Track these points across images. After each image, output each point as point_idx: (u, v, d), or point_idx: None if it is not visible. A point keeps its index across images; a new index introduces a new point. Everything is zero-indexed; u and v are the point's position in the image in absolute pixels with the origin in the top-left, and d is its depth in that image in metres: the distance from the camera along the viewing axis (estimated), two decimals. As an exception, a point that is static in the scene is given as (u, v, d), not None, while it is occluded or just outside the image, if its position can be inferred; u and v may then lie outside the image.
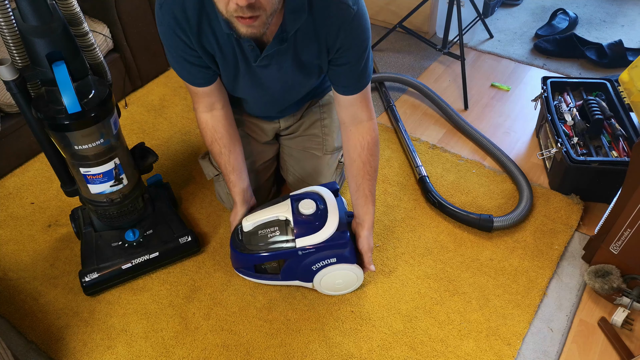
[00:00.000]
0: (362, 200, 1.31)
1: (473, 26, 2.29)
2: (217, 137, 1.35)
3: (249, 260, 1.34)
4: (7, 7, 1.02)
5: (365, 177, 1.29)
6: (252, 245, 1.32)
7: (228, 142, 1.37)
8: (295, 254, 1.29)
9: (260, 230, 1.31)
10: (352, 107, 1.25)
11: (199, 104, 1.33)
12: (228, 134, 1.37)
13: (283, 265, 1.33)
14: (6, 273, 1.49)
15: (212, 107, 1.33)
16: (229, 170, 1.39)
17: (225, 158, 1.38)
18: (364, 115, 1.26)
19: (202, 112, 1.34)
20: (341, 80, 1.22)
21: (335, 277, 1.33)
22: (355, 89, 1.22)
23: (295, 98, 1.42)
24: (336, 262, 1.30)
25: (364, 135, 1.27)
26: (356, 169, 1.29)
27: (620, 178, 1.32)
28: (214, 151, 1.38)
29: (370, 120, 1.27)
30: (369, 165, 1.29)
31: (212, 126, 1.34)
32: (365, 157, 1.28)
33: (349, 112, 1.26)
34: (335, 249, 1.28)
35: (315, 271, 1.32)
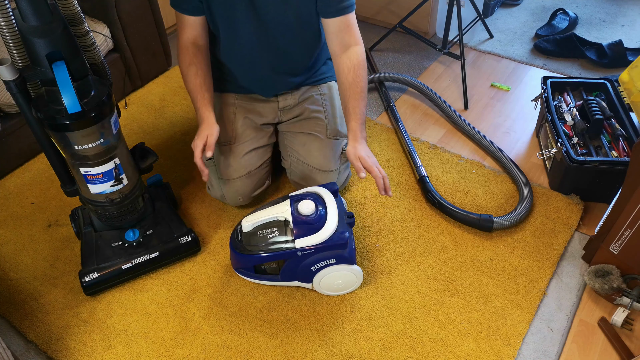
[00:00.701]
0: (352, 117, 1.39)
1: (473, 26, 2.29)
2: (196, 61, 1.43)
3: (248, 260, 1.34)
4: (7, 7, 1.02)
5: (352, 97, 1.39)
6: (251, 246, 1.32)
7: (205, 69, 1.46)
8: (295, 254, 1.29)
9: (260, 230, 1.32)
10: (340, 33, 1.37)
11: (183, 33, 1.42)
12: (206, 65, 1.46)
13: (282, 266, 1.33)
14: (6, 273, 1.49)
15: (195, 40, 1.43)
16: (204, 89, 1.44)
17: (201, 79, 1.44)
18: (352, 40, 1.39)
19: (185, 40, 1.43)
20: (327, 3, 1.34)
21: (334, 277, 1.33)
22: (341, 10, 1.34)
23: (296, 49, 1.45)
24: (335, 262, 1.30)
25: (351, 59, 1.38)
26: (344, 90, 1.40)
27: (620, 178, 1.32)
28: (190, 72, 1.44)
29: (357, 45, 1.40)
30: (355, 85, 1.38)
31: (193, 52, 1.43)
32: (351, 78, 1.38)
33: (337, 39, 1.38)
34: (334, 250, 1.28)
35: (315, 272, 1.32)
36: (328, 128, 1.56)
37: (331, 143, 1.54)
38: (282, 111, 1.61)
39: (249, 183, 1.53)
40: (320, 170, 1.52)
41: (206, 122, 1.44)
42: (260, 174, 1.56)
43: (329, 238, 1.27)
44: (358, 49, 1.40)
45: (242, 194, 1.54)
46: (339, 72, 1.41)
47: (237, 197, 1.54)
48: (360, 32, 1.42)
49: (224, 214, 1.62)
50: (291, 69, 1.53)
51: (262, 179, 1.58)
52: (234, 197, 1.54)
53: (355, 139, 1.39)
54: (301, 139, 1.56)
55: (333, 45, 1.40)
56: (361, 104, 1.39)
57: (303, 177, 1.55)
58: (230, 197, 1.54)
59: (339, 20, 1.36)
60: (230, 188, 1.52)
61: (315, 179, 1.53)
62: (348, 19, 1.37)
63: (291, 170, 1.58)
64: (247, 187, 1.53)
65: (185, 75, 1.46)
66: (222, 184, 1.53)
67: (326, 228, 1.27)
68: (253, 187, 1.54)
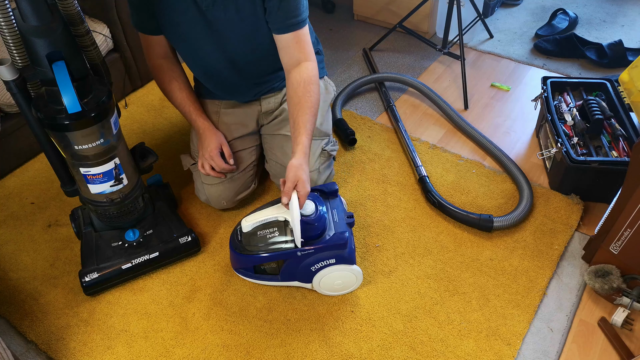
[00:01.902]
0: (296, 132, 1.31)
1: (473, 26, 2.29)
2: (175, 75, 1.46)
3: (248, 261, 1.34)
4: (7, 7, 1.02)
5: (300, 112, 1.32)
6: (251, 246, 1.32)
7: (185, 79, 1.49)
8: (295, 254, 1.29)
9: (260, 231, 1.31)
10: (289, 49, 1.34)
11: (152, 52, 1.43)
12: (184, 75, 1.49)
13: (282, 266, 1.33)
14: (6, 273, 1.49)
15: (165, 55, 1.44)
16: (192, 100, 1.48)
17: (186, 93, 1.47)
18: (301, 56, 1.35)
19: (156, 59, 1.44)
20: (274, 19, 1.31)
21: (334, 277, 1.33)
22: (290, 27, 1.31)
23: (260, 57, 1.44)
24: (335, 262, 1.30)
25: (301, 74, 1.34)
26: (293, 105, 1.34)
27: (620, 178, 1.32)
28: (173, 88, 1.45)
29: (306, 60, 1.36)
30: (305, 99, 1.33)
31: (169, 67, 1.46)
32: (301, 93, 1.33)
33: (287, 54, 1.35)
34: (334, 250, 1.28)
35: (315, 272, 1.32)
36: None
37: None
38: (264, 114, 1.61)
39: (232, 187, 1.53)
40: None
41: (209, 131, 1.48)
42: (243, 177, 1.55)
43: (329, 238, 1.27)
44: (309, 65, 1.36)
45: (224, 198, 1.54)
46: (289, 86, 1.36)
47: (220, 201, 1.54)
48: (360, 32, 1.41)
49: (224, 214, 1.62)
50: (259, 74, 1.51)
51: (247, 182, 1.57)
52: (217, 201, 1.55)
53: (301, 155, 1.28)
54: (279, 141, 1.55)
55: (284, 60, 1.38)
56: (312, 119, 1.33)
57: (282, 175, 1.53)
58: (214, 201, 1.55)
59: (289, 36, 1.33)
60: (214, 192, 1.53)
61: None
62: (298, 35, 1.33)
63: (272, 173, 1.59)
64: (230, 191, 1.53)
65: (168, 92, 1.47)
66: (206, 189, 1.53)
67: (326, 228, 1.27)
68: (236, 191, 1.54)
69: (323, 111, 1.58)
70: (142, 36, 1.42)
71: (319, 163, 1.54)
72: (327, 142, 1.58)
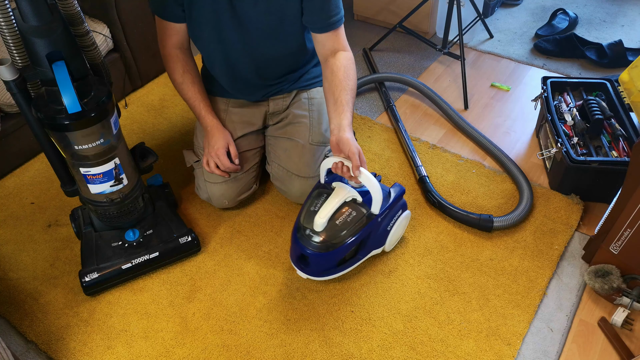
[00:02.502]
0: (340, 109, 1.32)
1: (473, 26, 2.29)
2: (188, 68, 1.46)
3: (338, 254, 1.32)
4: (7, 7, 1.02)
5: (342, 92, 1.34)
6: (337, 238, 1.30)
7: (198, 74, 1.49)
8: (376, 222, 1.34)
9: (337, 220, 1.30)
10: (329, 42, 1.38)
11: (168, 40, 1.42)
12: (197, 70, 1.49)
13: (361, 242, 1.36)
14: (6, 273, 1.49)
15: (181, 45, 1.44)
16: (203, 96, 1.49)
17: (198, 88, 1.48)
18: (340, 47, 1.40)
19: (171, 48, 1.43)
20: (316, 19, 1.35)
21: (398, 227, 1.43)
22: (329, 26, 1.35)
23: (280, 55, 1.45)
24: (401, 212, 1.41)
25: (341, 61, 1.38)
26: (334, 86, 1.36)
27: (620, 178, 1.32)
28: (185, 81, 1.45)
29: (345, 50, 1.40)
30: (345, 82, 1.36)
31: (183, 59, 1.45)
32: (342, 76, 1.36)
33: (326, 47, 1.39)
34: (399, 201, 1.39)
35: (389, 230, 1.40)
36: (311, 134, 1.53)
37: (312, 149, 1.52)
38: (270, 115, 1.61)
39: (234, 187, 1.53)
40: (299, 176, 1.51)
41: (217, 129, 1.48)
42: (246, 178, 1.56)
43: (394, 194, 1.37)
44: (347, 54, 1.40)
45: (227, 198, 1.54)
46: (329, 72, 1.38)
47: (222, 200, 1.55)
48: (360, 32, 1.42)
49: (224, 213, 1.62)
50: (276, 74, 1.52)
51: (249, 183, 1.57)
52: (219, 200, 1.55)
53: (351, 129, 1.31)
54: (283, 144, 1.55)
55: (321, 51, 1.42)
56: (352, 99, 1.36)
57: (283, 182, 1.54)
58: (216, 200, 1.55)
59: (330, 33, 1.37)
60: (216, 191, 1.53)
61: (294, 185, 1.52)
62: (337, 32, 1.38)
63: (273, 175, 1.58)
64: (233, 190, 1.53)
65: (180, 84, 1.47)
66: (208, 187, 1.53)
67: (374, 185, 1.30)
68: (239, 191, 1.55)
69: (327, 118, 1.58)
70: (160, 22, 1.41)
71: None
72: (330, 149, 1.58)
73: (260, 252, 1.51)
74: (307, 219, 1.31)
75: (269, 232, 1.57)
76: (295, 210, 1.62)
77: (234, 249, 1.52)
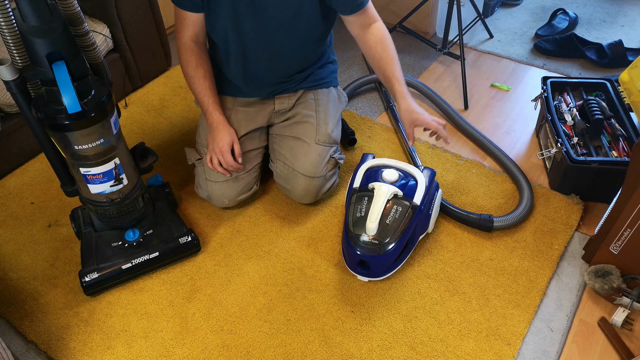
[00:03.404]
0: (390, 83, 1.43)
1: (473, 26, 2.29)
2: (202, 62, 1.46)
3: (396, 252, 1.35)
4: (7, 7, 1.02)
5: (387, 64, 1.42)
6: (392, 237, 1.32)
7: (211, 70, 1.49)
8: (421, 210, 1.38)
9: (386, 220, 1.33)
10: (359, 19, 1.42)
11: (185, 32, 1.43)
12: (210, 65, 1.49)
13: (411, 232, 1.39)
14: (6, 273, 1.49)
15: (197, 38, 1.44)
16: (213, 92, 1.48)
17: (209, 83, 1.47)
18: (370, 20, 1.44)
19: (187, 40, 1.44)
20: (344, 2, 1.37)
21: (436, 208, 1.49)
22: (358, 7, 1.39)
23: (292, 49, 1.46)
24: (436, 193, 1.47)
25: (375, 34, 1.44)
26: (377, 61, 1.44)
27: (620, 178, 1.32)
28: (198, 74, 1.45)
29: (376, 21, 1.45)
30: (386, 54, 1.43)
31: (198, 53, 1.45)
32: (380, 49, 1.43)
33: (357, 23, 1.43)
34: (433, 183, 1.45)
35: (430, 213, 1.46)
36: (317, 134, 1.54)
37: (319, 149, 1.53)
38: (275, 114, 1.61)
39: (235, 186, 1.53)
40: (305, 176, 1.51)
41: (223, 126, 1.47)
42: (248, 178, 1.56)
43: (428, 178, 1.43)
44: (378, 24, 1.45)
45: (227, 197, 1.54)
46: (366, 49, 1.46)
47: (222, 199, 1.55)
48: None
49: (224, 213, 1.62)
50: (286, 71, 1.53)
51: (250, 183, 1.57)
52: (219, 199, 1.55)
53: (404, 98, 1.41)
54: (289, 143, 1.55)
55: (353, 30, 1.46)
56: (398, 68, 1.43)
57: (288, 180, 1.54)
58: (216, 199, 1.55)
59: (358, 13, 1.41)
60: (217, 190, 1.53)
61: (299, 184, 1.52)
62: (365, 9, 1.41)
63: (277, 173, 1.58)
64: (234, 190, 1.53)
65: (192, 77, 1.46)
66: (209, 185, 1.53)
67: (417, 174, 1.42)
68: (239, 191, 1.55)
69: (335, 119, 1.59)
70: (178, 13, 1.41)
71: (326, 170, 1.55)
72: (336, 150, 1.58)
73: (260, 252, 1.51)
74: (358, 225, 1.35)
75: (269, 232, 1.57)
76: (296, 211, 1.62)
77: (234, 249, 1.52)
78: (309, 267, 1.46)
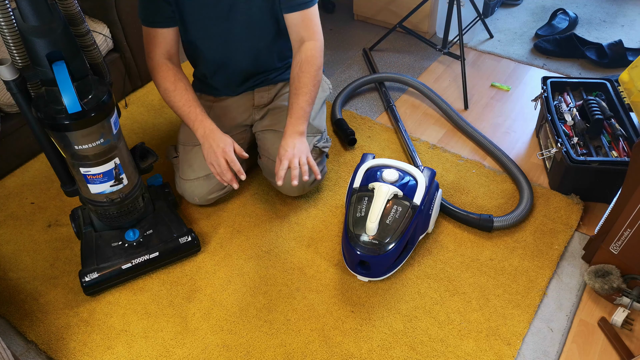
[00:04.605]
0: (292, 113, 1.42)
1: (473, 26, 2.29)
2: (180, 77, 1.45)
3: (396, 252, 1.35)
4: (7, 7, 1.02)
5: (293, 92, 1.42)
6: (392, 237, 1.32)
7: (189, 83, 1.47)
8: (421, 210, 1.38)
9: (386, 220, 1.33)
10: (297, 27, 1.39)
11: (156, 50, 1.41)
12: (187, 80, 1.47)
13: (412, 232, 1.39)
14: (6, 273, 1.49)
15: (169, 55, 1.43)
16: (196, 104, 1.45)
17: (192, 95, 1.45)
18: (306, 35, 1.40)
19: (159, 57, 1.42)
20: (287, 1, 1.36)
21: (436, 207, 1.48)
22: (300, 5, 1.36)
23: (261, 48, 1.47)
24: (436, 193, 1.47)
25: (301, 53, 1.41)
26: (292, 81, 1.43)
27: (620, 178, 1.32)
28: (178, 88, 1.43)
29: (310, 40, 1.41)
30: (298, 79, 1.41)
31: (173, 69, 1.44)
32: (296, 73, 1.41)
33: (295, 33, 1.41)
34: (433, 183, 1.45)
35: (430, 214, 1.46)
36: None
37: None
38: (255, 109, 1.62)
39: (206, 185, 1.54)
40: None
41: (218, 131, 1.42)
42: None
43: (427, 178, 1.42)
44: (311, 44, 1.41)
45: (197, 195, 1.55)
46: (292, 66, 1.44)
47: (194, 197, 1.56)
48: (360, 32, 1.42)
49: (224, 214, 1.62)
50: (258, 67, 1.54)
51: (220, 183, 1.50)
52: (191, 197, 1.57)
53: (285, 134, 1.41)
54: (271, 137, 1.56)
55: (292, 40, 1.44)
56: (300, 99, 1.40)
57: (272, 174, 1.53)
58: (188, 196, 1.57)
59: (298, 14, 1.38)
60: (187, 188, 1.54)
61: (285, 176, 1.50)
62: (307, 14, 1.38)
63: (263, 169, 1.60)
64: (204, 189, 1.54)
65: (172, 91, 1.43)
66: (181, 183, 1.55)
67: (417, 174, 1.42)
68: (209, 190, 1.55)
69: (317, 107, 1.59)
70: (147, 32, 1.40)
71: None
72: (320, 139, 1.58)
73: (260, 252, 1.51)
74: (357, 225, 1.35)
75: (269, 232, 1.57)
76: (296, 211, 1.62)
77: (234, 249, 1.52)
78: (309, 267, 1.46)
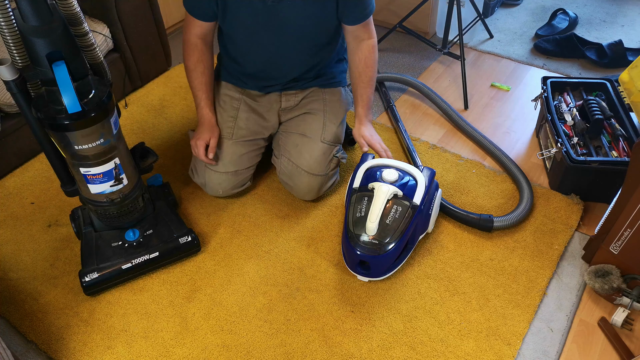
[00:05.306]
0: (359, 103, 1.56)
1: (473, 26, 2.29)
2: (204, 59, 1.51)
3: (396, 252, 1.35)
4: (7, 7, 1.02)
5: (360, 85, 1.53)
6: (392, 238, 1.32)
7: (211, 68, 1.54)
8: (421, 210, 1.38)
9: (386, 220, 1.33)
10: (357, 31, 1.47)
11: (191, 30, 1.47)
12: (211, 63, 1.54)
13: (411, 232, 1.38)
14: (6, 273, 1.49)
15: (204, 37, 1.49)
16: (209, 89, 1.54)
17: (206, 79, 1.52)
18: (365, 36, 1.48)
19: (192, 36, 1.48)
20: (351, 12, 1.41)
21: (436, 207, 1.49)
22: (362, 18, 1.43)
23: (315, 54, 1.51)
24: (436, 193, 1.47)
25: (363, 51, 1.49)
26: (354, 79, 1.54)
27: (620, 178, 1.32)
28: (197, 69, 1.50)
29: (369, 39, 1.49)
30: (365, 74, 1.52)
31: (201, 49, 1.50)
32: (362, 68, 1.51)
33: (353, 34, 1.48)
34: (432, 182, 1.45)
35: (430, 213, 1.46)
36: (324, 132, 1.56)
37: (324, 147, 1.54)
38: (282, 111, 1.62)
39: (233, 180, 1.57)
40: (308, 173, 1.53)
41: (208, 123, 1.53)
42: (245, 174, 1.59)
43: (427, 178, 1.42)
44: (371, 42, 1.49)
45: (223, 188, 1.58)
46: (352, 63, 1.52)
47: (218, 189, 1.58)
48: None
49: (224, 214, 1.62)
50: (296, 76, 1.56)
51: (246, 179, 1.61)
52: (214, 189, 1.58)
53: (360, 122, 1.56)
54: (295, 140, 1.56)
55: (349, 40, 1.50)
56: (368, 91, 1.53)
57: (291, 177, 1.56)
58: (211, 188, 1.58)
59: (359, 25, 1.44)
60: (215, 180, 1.56)
61: (302, 181, 1.54)
62: (367, 22, 1.46)
63: (281, 169, 1.59)
64: (231, 183, 1.57)
65: (191, 71, 1.51)
66: (208, 174, 1.56)
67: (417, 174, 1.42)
68: (235, 185, 1.59)
69: (341, 119, 1.62)
70: (187, 14, 1.45)
71: (329, 169, 1.57)
72: (339, 150, 1.60)
73: (260, 252, 1.51)
74: (357, 225, 1.35)
75: (269, 232, 1.57)
76: (296, 211, 1.62)
77: (234, 249, 1.52)
78: (309, 267, 1.46)
